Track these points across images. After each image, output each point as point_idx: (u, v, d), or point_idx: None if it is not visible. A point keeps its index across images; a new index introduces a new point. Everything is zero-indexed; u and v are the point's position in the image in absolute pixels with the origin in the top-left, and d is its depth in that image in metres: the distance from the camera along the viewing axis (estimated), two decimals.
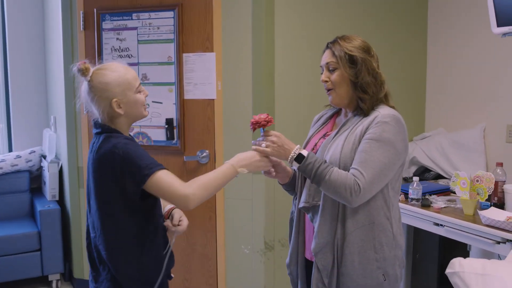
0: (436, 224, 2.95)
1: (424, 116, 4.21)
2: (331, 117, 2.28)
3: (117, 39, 3.81)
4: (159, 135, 3.76)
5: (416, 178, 3.16)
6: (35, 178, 4.97)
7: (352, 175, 1.95)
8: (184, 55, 3.66)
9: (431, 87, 4.15)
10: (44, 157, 4.84)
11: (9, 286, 4.29)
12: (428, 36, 4.14)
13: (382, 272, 2.05)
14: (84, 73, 1.98)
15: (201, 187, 1.91)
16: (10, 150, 5.19)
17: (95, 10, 3.83)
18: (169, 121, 3.70)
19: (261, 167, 2.09)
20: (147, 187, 1.91)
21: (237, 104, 3.64)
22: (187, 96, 3.67)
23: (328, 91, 2.14)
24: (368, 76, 2.06)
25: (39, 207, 4.37)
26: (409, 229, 3.62)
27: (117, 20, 3.79)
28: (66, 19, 4.00)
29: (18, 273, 4.24)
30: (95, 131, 2.05)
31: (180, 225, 2.14)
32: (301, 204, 2.14)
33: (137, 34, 3.76)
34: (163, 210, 2.20)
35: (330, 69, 2.10)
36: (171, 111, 3.69)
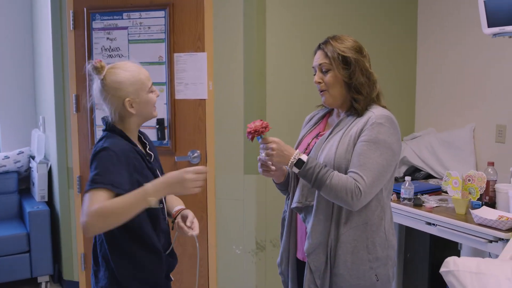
0: (429, 224, 2.96)
1: (414, 116, 4.23)
2: (323, 117, 2.28)
3: (107, 38, 3.79)
4: (150, 135, 3.62)
5: (408, 178, 3.18)
6: (23, 179, 4.92)
7: (353, 179, 1.94)
8: (175, 54, 3.64)
9: (421, 87, 4.17)
10: (33, 157, 4.79)
11: None
12: (418, 35, 4.16)
13: (374, 273, 2.05)
14: (99, 71, 1.98)
15: (101, 217, 1.80)
16: None
17: (85, 9, 3.80)
18: (160, 121, 3.68)
19: (190, 189, 1.88)
20: None
21: (228, 104, 3.63)
22: (178, 96, 3.66)
23: (321, 92, 2.13)
24: (362, 76, 2.07)
25: (28, 208, 4.33)
26: (400, 228, 3.64)
27: (108, 20, 3.77)
28: (55, 18, 3.97)
29: (7, 275, 4.19)
30: (103, 129, 2.07)
31: (192, 228, 2.09)
32: (294, 204, 2.13)
33: (128, 34, 3.73)
34: (172, 210, 2.18)
35: (323, 70, 2.09)
36: (162, 111, 3.67)
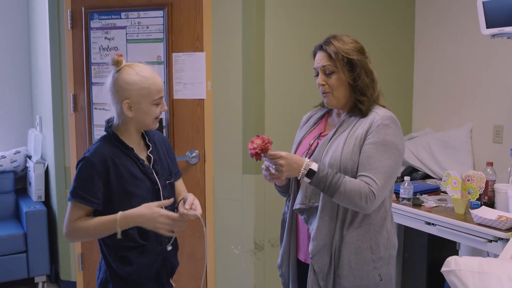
0: (428, 223, 2.97)
1: (412, 116, 4.24)
2: (322, 117, 2.26)
3: (105, 38, 3.78)
4: None
5: (407, 178, 3.19)
6: (20, 179, 4.90)
7: (365, 183, 1.94)
8: (174, 54, 3.64)
9: (418, 87, 4.19)
10: (29, 157, 4.77)
11: None
12: (416, 35, 4.17)
13: (378, 272, 2.06)
14: (117, 64, 1.98)
15: (76, 234, 2.01)
16: None
17: (83, 8, 3.79)
18: (158, 121, 3.66)
19: (160, 230, 1.97)
20: None
21: (227, 104, 3.63)
22: (176, 96, 3.65)
23: (324, 93, 2.10)
24: (367, 78, 2.06)
25: (25, 208, 4.31)
26: (398, 228, 3.65)
27: (106, 19, 3.76)
28: (53, 18, 3.95)
29: (4, 275, 4.16)
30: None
31: (194, 209, 2.06)
32: (297, 206, 2.11)
33: (126, 34, 3.73)
34: (178, 198, 2.22)
35: (326, 72, 2.07)
36: None
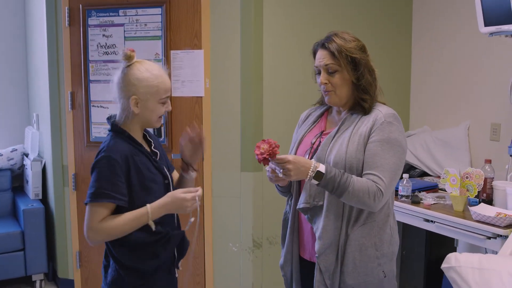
0: (427, 220, 2.98)
1: (409, 114, 4.25)
2: (321, 115, 2.24)
3: (103, 35, 3.77)
4: None
5: (406, 175, 3.20)
6: (16, 177, 4.88)
7: (372, 182, 1.94)
8: (172, 52, 3.64)
9: (416, 85, 4.20)
10: (26, 155, 4.76)
11: None
12: (413, 33, 4.18)
13: (382, 269, 2.06)
14: (129, 59, 1.98)
15: (104, 234, 1.95)
16: None
17: (80, 6, 3.78)
18: (161, 120, 3.67)
19: (189, 207, 1.99)
20: None
21: (225, 102, 3.63)
22: (175, 94, 3.65)
23: (326, 92, 2.09)
24: (370, 77, 2.06)
25: (22, 206, 4.30)
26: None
27: (104, 17, 3.75)
28: (50, 15, 3.94)
29: (1, 273, 4.14)
30: (108, 129, 2.06)
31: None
32: (301, 205, 2.10)
33: (124, 31, 3.72)
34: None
35: (329, 71, 2.05)
36: None
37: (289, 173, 1.93)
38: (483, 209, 2.77)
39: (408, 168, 3.88)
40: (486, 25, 3.03)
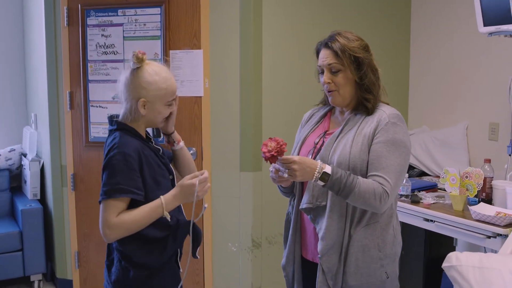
0: (427, 220, 2.99)
1: (407, 114, 4.26)
2: (324, 115, 2.24)
3: (102, 35, 3.76)
4: None
5: (405, 175, 3.20)
6: (15, 177, 4.87)
7: (378, 183, 1.94)
8: (171, 52, 3.63)
9: (414, 85, 4.21)
10: (24, 155, 4.75)
11: None
12: (411, 33, 4.19)
13: (385, 270, 2.06)
14: (139, 61, 1.99)
15: (122, 230, 1.94)
16: None
17: (79, 5, 3.78)
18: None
19: (200, 192, 1.98)
20: None
21: (224, 102, 3.63)
22: None
23: (329, 91, 2.09)
24: (373, 76, 2.06)
25: (20, 206, 4.29)
26: None
27: (102, 16, 3.75)
28: (49, 15, 3.93)
29: None
30: (110, 128, 2.06)
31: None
32: (304, 205, 2.09)
33: (123, 31, 3.72)
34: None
35: (332, 70, 2.05)
36: None
37: (294, 174, 1.93)
38: (482, 209, 2.78)
39: (407, 168, 3.89)
40: (485, 25, 3.04)
